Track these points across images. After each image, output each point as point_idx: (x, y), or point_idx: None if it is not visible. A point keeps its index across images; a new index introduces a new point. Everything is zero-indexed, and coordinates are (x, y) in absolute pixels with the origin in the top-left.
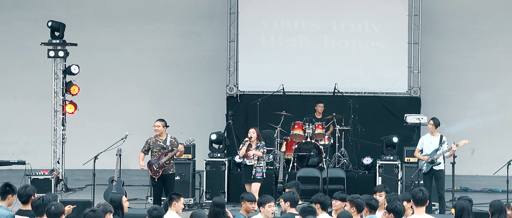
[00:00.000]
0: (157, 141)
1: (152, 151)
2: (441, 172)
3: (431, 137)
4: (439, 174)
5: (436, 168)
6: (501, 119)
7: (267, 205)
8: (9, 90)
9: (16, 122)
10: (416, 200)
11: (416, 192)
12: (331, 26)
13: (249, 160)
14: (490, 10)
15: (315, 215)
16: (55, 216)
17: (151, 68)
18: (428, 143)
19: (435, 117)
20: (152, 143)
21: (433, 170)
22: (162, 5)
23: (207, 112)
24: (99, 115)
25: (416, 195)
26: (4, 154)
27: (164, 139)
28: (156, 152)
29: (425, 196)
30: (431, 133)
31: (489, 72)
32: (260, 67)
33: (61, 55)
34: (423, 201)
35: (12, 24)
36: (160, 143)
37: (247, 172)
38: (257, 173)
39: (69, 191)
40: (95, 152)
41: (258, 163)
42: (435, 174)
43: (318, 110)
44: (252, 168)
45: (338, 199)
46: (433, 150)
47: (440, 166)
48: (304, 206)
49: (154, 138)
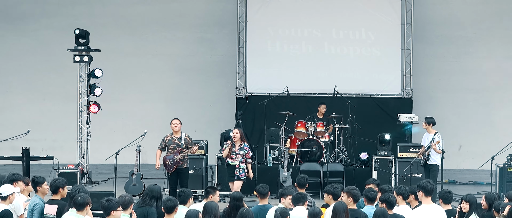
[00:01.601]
0: (172, 139)
1: (168, 147)
2: (433, 166)
3: (428, 134)
4: (432, 168)
5: (429, 163)
6: (485, 118)
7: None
8: (38, 92)
9: (45, 121)
10: (426, 191)
11: (425, 184)
12: (331, 34)
13: (232, 160)
14: (475, 19)
15: (304, 203)
16: (81, 206)
17: (167, 72)
18: (425, 139)
19: (429, 116)
20: (168, 140)
21: (427, 164)
22: (177, 14)
23: (218, 112)
24: (120, 115)
25: (426, 186)
26: (34, 149)
27: (179, 137)
28: (172, 148)
29: (433, 187)
30: (428, 132)
31: (474, 76)
32: (267, 71)
33: (85, 60)
34: (431, 191)
35: (41, 32)
36: (175, 140)
37: (231, 171)
38: (240, 173)
39: (93, 184)
40: (117, 148)
41: (240, 164)
42: (429, 168)
43: (320, 110)
44: (235, 168)
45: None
46: (427, 146)
47: (433, 160)
48: (295, 195)
49: (169, 135)
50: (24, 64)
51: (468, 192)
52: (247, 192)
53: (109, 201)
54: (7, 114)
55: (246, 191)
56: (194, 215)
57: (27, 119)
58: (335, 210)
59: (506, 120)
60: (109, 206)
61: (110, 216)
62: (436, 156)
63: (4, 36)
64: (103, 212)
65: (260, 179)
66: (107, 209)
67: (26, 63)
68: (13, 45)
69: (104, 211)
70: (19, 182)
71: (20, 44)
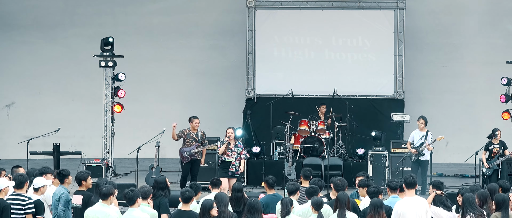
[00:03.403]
0: (190, 134)
1: (185, 140)
2: (425, 162)
3: (419, 132)
4: (424, 163)
5: (422, 158)
6: (470, 117)
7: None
8: (67, 94)
9: (73, 120)
10: (407, 184)
11: (406, 177)
12: (331, 41)
13: (228, 157)
14: (461, 28)
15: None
16: (106, 196)
17: (184, 76)
18: (417, 137)
19: (424, 116)
20: (186, 134)
21: (420, 160)
22: (193, 24)
23: (229, 111)
24: (141, 114)
25: (407, 179)
26: (64, 145)
27: (196, 132)
28: (189, 142)
29: (414, 181)
30: (420, 129)
31: (460, 79)
32: (273, 75)
33: (110, 65)
34: (413, 184)
35: (70, 40)
36: (192, 135)
37: (225, 167)
38: (235, 170)
39: (116, 176)
40: (138, 144)
41: (235, 161)
42: (421, 163)
43: (321, 110)
44: (230, 164)
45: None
46: (420, 143)
47: (425, 156)
48: (307, 188)
49: (187, 130)
50: (54, 68)
51: (454, 183)
52: (254, 183)
53: (132, 191)
54: (39, 113)
55: (253, 182)
56: (209, 204)
57: (58, 118)
58: (338, 199)
59: (488, 119)
60: (133, 195)
61: (135, 204)
62: (427, 152)
63: (37, 43)
64: (127, 202)
65: (267, 172)
66: (131, 199)
67: (56, 68)
68: (45, 52)
69: (128, 201)
70: (48, 175)
71: (51, 51)
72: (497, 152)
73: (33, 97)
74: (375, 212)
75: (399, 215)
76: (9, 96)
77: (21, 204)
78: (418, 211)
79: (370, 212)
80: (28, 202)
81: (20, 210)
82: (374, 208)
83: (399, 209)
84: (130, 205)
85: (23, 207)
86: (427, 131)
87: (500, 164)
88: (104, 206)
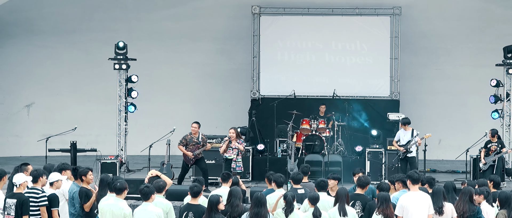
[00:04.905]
0: (192, 138)
1: (188, 145)
2: (413, 158)
3: (404, 131)
4: (411, 160)
5: (409, 155)
6: (462, 117)
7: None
8: (83, 94)
9: (89, 119)
10: (412, 179)
11: (412, 173)
12: (331, 46)
13: (229, 154)
14: (453, 33)
15: (326, 189)
16: (120, 191)
17: (193, 78)
18: (402, 136)
19: (405, 117)
20: (188, 139)
21: (408, 157)
22: (201, 29)
23: (235, 111)
24: (153, 114)
25: (412, 175)
26: (80, 143)
27: (197, 136)
28: (192, 146)
29: (419, 177)
30: (405, 129)
31: (452, 81)
32: (277, 77)
33: (124, 67)
34: (418, 180)
35: (86, 44)
36: (194, 139)
37: (227, 166)
38: (237, 167)
39: (130, 172)
40: (150, 142)
41: (237, 158)
42: (409, 160)
43: (321, 110)
44: (232, 161)
45: (332, 178)
46: (407, 141)
47: (412, 153)
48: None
49: (189, 135)
50: (71, 71)
51: (447, 179)
52: (259, 179)
53: (147, 187)
54: (57, 113)
55: (258, 178)
56: (216, 199)
57: (74, 117)
58: (338, 194)
59: (478, 118)
60: (148, 191)
61: (150, 200)
62: (414, 149)
63: (55, 47)
64: (142, 197)
65: (271, 168)
66: (146, 194)
67: (73, 71)
68: (63, 55)
69: (143, 196)
70: (67, 171)
71: (69, 54)
72: (495, 150)
73: (51, 98)
74: (386, 206)
75: (403, 209)
76: (29, 97)
77: (35, 197)
78: (421, 205)
79: (381, 206)
80: (41, 195)
81: (34, 203)
82: (385, 201)
83: (403, 202)
84: (144, 201)
85: (37, 200)
86: (412, 129)
87: (496, 161)
88: (118, 200)
